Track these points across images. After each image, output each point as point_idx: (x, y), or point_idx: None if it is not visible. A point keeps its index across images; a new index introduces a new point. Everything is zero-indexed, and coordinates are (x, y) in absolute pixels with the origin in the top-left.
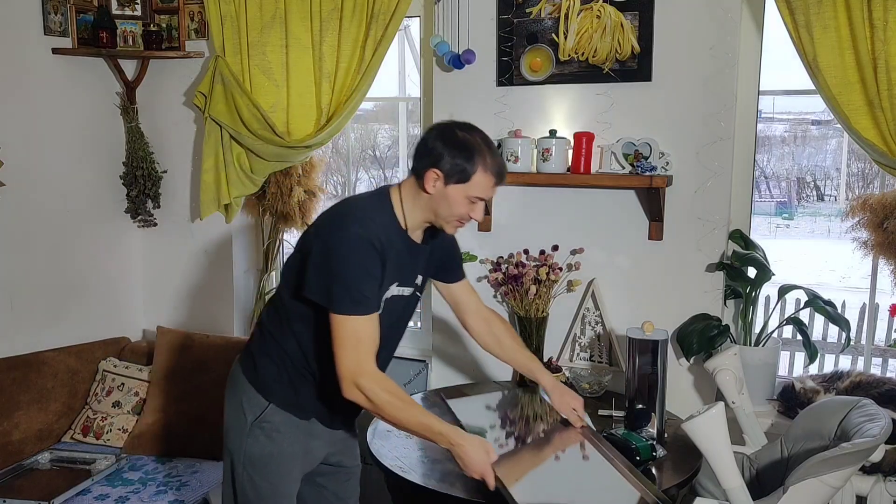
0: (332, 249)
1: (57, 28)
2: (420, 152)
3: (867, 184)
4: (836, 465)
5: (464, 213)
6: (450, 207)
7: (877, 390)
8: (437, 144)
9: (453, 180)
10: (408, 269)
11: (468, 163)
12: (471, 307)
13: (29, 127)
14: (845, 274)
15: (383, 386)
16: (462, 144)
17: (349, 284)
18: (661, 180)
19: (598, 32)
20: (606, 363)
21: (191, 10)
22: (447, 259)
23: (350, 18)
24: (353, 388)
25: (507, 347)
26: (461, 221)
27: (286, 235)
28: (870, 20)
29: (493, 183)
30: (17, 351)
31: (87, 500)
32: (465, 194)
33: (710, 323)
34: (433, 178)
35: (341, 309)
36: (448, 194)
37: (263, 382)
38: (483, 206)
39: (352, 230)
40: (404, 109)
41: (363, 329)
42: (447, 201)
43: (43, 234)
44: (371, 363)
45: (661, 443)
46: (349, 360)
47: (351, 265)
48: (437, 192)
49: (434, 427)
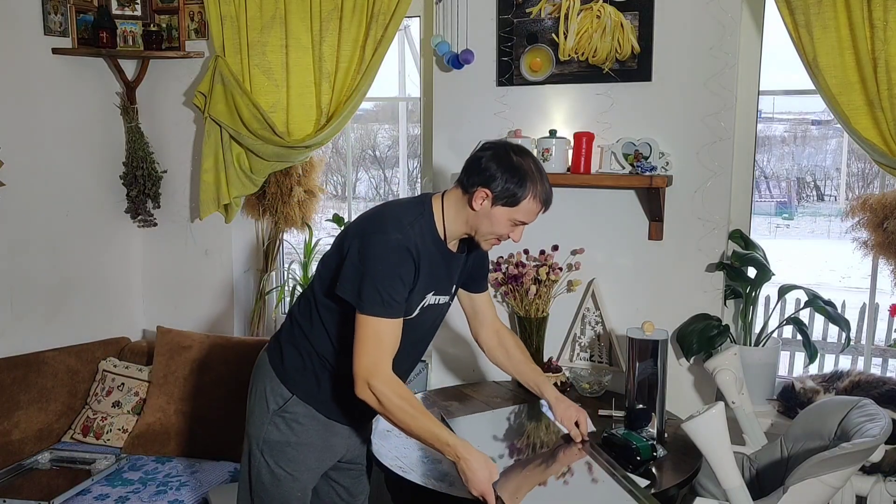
0: (368, 251)
1: (57, 28)
2: (472, 169)
3: (867, 184)
4: (836, 465)
5: (504, 233)
6: (492, 226)
7: (877, 390)
8: (492, 165)
9: (501, 202)
10: (444, 277)
11: (520, 188)
12: (487, 319)
13: (29, 127)
14: (845, 274)
15: (396, 390)
16: (516, 170)
17: (380, 286)
18: (661, 180)
19: (598, 32)
20: (606, 363)
21: (191, 10)
22: (477, 269)
23: (350, 18)
24: (365, 388)
25: (515, 360)
26: (499, 240)
27: (286, 235)
28: (870, 20)
29: (539, 210)
30: (17, 351)
31: (87, 500)
32: (509, 217)
33: (710, 323)
34: (482, 198)
35: (369, 309)
36: (493, 214)
37: (288, 373)
38: (523, 229)
39: (390, 234)
40: (404, 109)
41: (386, 332)
42: (490, 220)
43: (43, 233)
44: (387, 366)
45: (660, 443)
46: (367, 359)
47: (385, 268)
48: (483, 210)
49: (443, 437)
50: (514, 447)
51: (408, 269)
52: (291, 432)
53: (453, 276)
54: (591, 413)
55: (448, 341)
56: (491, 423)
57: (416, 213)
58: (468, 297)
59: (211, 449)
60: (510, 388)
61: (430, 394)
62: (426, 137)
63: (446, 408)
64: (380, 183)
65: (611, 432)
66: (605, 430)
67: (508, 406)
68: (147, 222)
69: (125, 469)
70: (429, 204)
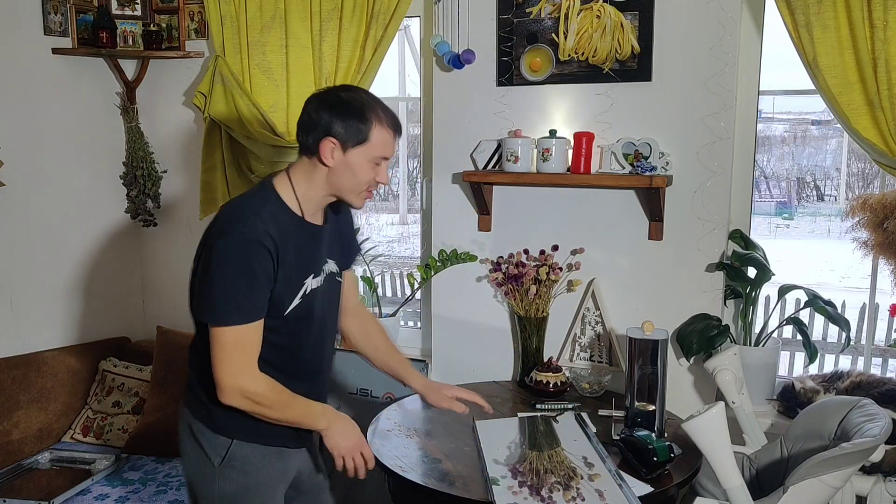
0: (215, 258)
1: (57, 28)
2: (306, 127)
3: (867, 184)
4: (836, 465)
5: (370, 178)
6: (354, 176)
7: (877, 390)
8: (324, 114)
9: (351, 144)
10: (314, 256)
11: (362, 122)
12: (349, 303)
13: (29, 127)
14: (845, 274)
15: (269, 386)
16: (350, 105)
17: (235, 291)
18: (661, 180)
19: (598, 32)
20: (606, 363)
21: (191, 10)
22: (345, 242)
23: (350, 18)
24: (235, 395)
25: (381, 350)
26: (369, 190)
27: None
28: (870, 20)
29: (393, 137)
30: (17, 351)
31: (87, 500)
32: (367, 157)
33: (710, 323)
34: (330, 149)
35: (226, 321)
36: (350, 162)
37: (216, 420)
38: (387, 168)
39: (235, 233)
40: (404, 109)
41: (248, 337)
42: (351, 170)
43: (43, 234)
44: (254, 366)
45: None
46: (231, 366)
47: (237, 269)
48: (338, 162)
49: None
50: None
51: (263, 262)
52: (247, 476)
53: (324, 251)
54: (591, 413)
55: (448, 341)
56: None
57: (259, 201)
58: None
59: None
60: (510, 388)
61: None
62: (426, 137)
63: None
64: None
65: (628, 433)
66: (623, 431)
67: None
68: (147, 222)
69: (125, 469)
70: (270, 186)
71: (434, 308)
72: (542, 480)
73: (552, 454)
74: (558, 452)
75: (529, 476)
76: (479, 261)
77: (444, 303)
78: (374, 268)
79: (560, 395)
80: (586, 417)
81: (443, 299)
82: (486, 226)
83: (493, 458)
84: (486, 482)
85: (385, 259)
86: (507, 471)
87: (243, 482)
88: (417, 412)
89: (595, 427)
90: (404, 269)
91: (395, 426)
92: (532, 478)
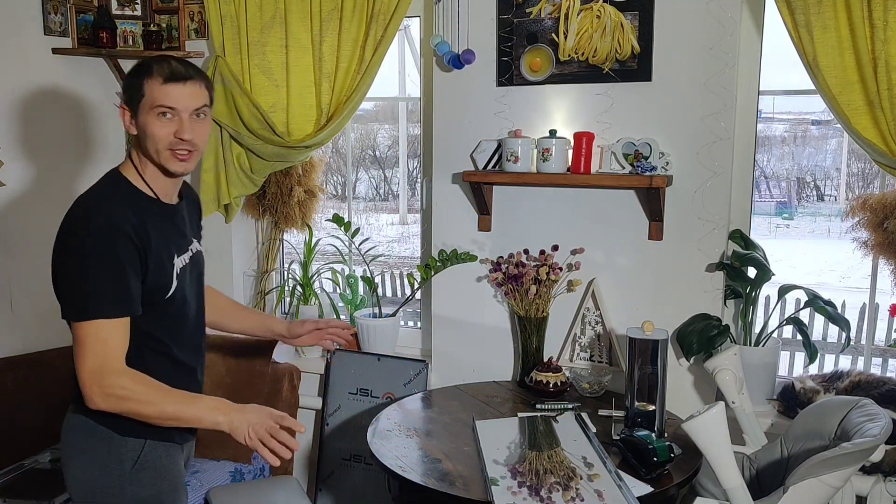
0: (75, 253)
1: (57, 28)
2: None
3: (867, 184)
4: (836, 465)
5: (164, 134)
6: (154, 133)
7: (877, 390)
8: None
9: (136, 103)
10: (177, 235)
11: (136, 78)
12: None
13: (29, 127)
14: (845, 274)
15: (138, 378)
16: (133, 70)
17: (100, 284)
18: (661, 180)
19: (598, 32)
20: (606, 363)
21: (191, 10)
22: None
23: (350, 18)
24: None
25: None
26: (173, 150)
27: (286, 235)
28: (870, 20)
29: (164, 82)
30: (17, 351)
31: None
32: (151, 109)
33: (710, 323)
34: (124, 115)
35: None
36: (143, 121)
37: (123, 422)
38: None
39: (93, 224)
40: (404, 109)
41: (116, 331)
42: (147, 130)
43: (43, 233)
44: (121, 362)
45: None
46: (94, 362)
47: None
48: (137, 124)
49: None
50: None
51: (129, 252)
52: (160, 478)
53: (185, 229)
54: (591, 413)
55: (448, 341)
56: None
57: (111, 189)
58: None
59: (211, 449)
60: (510, 388)
61: (429, 394)
62: (426, 137)
63: (446, 408)
64: (380, 183)
65: (628, 433)
66: (623, 431)
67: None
68: None
69: None
70: (117, 173)
71: (434, 308)
72: (542, 481)
73: (552, 454)
74: (558, 452)
75: (529, 476)
76: (479, 261)
77: (444, 303)
78: (374, 268)
79: (560, 395)
80: (586, 417)
81: (443, 299)
82: (486, 226)
83: (493, 458)
84: (486, 482)
85: (385, 259)
86: (507, 471)
87: (157, 485)
88: (417, 412)
89: (595, 427)
90: (404, 269)
91: (395, 426)
92: (531, 478)
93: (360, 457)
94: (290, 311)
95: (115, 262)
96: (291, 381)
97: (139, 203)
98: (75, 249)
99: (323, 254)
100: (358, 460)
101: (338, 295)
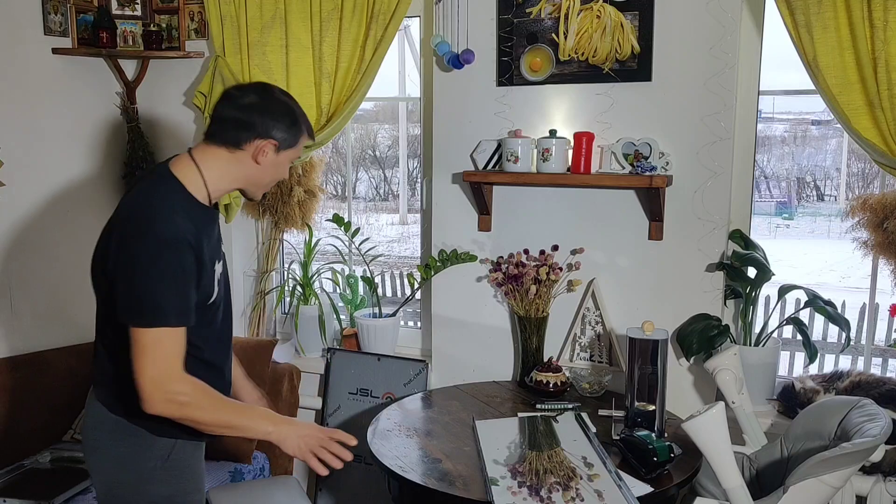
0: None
1: (57, 28)
2: (238, 124)
3: (867, 184)
4: (836, 465)
5: (285, 176)
6: (275, 174)
7: (877, 390)
8: (265, 117)
9: (285, 147)
10: (217, 242)
11: (297, 128)
12: None
13: (29, 127)
14: (845, 274)
15: (198, 386)
16: (289, 111)
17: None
18: (661, 180)
19: (598, 32)
20: (606, 363)
21: (191, 10)
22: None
23: (350, 18)
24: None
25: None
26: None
27: (286, 235)
28: (870, 20)
29: (308, 139)
30: (17, 351)
31: (87, 499)
32: (290, 159)
33: (710, 323)
34: (267, 150)
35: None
36: (279, 161)
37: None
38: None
39: (160, 235)
40: (404, 109)
41: (177, 339)
42: (276, 168)
43: (43, 233)
44: (181, 368)
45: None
46: (157, 370)
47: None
48: (269, 160)
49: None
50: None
51: (190, 263)
52: (183, 477)
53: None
54: (591, 413)
55: (448, 341)
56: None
57: (173, 197)
58: None
59: (211, 449)
60: (510, 388)
61: (429, 394)
62: (426, 137)
63: (446, 408)
64: (380, 183)
65: (628, 433)
66: (623, 431)
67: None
68: None
69: None
70: (169, 174)
71: (434, 308)
72: (542, 481)
73: (552, 454)
74: (558, 452)
75: (529, 476)
76: (479, 261)
77: (444, 303)
78: (374, 268)
79: (560, 395)
80: (586, 417)
81: (443, 299)
82: (486, 226)
83: (493, 458)
84: (486, 482)
85: (385, 259)
86: (507, 471)
87: (180, 484)
88: (417, 412)
89: (595, 427)
90: (404, 269)
91: (395, 426)
92: (531, 478)
93: (360, 457)
94: (289, 310)
95: (179, 273)
96: (291, 381)
97: (194, 211)
98: (141, 257)
99: (323, 254)
100: (358, 460)
101: (338, 295)
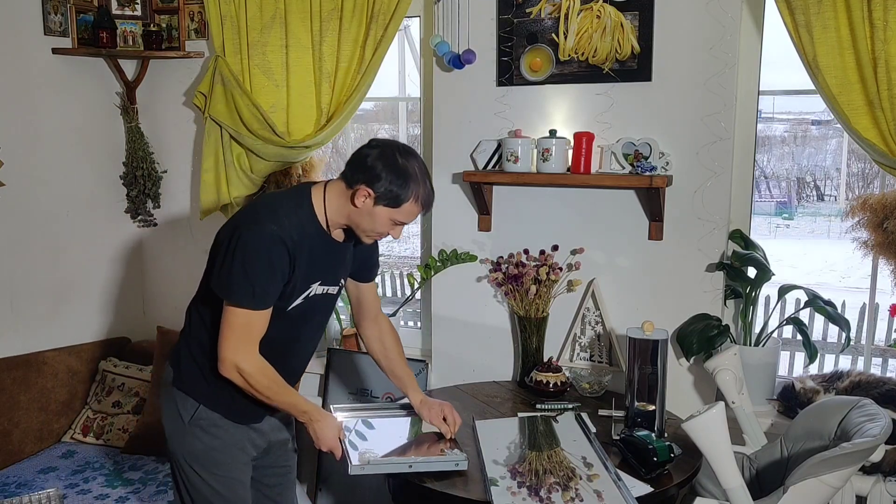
0: (242, 243)
1: (57, 28)
2: (357, 165)
3: (867, 184)
4: (836, 465)
5: (384, 231)
6: (373, 224)
7: (877, 390)
8: (378, 165)
9: (383, 202)
10: (329, 267)
11: (403, 190)
12: (371, 312)
13: (29, 127)
14: (845, 274)
15: (263, 371)
16: (401, 171)
17: (253, 278)
18: (661, 180)
19: (598, 32)
20: (606, 363)
21: (191, 10)
22: (367, 258)
23: (350, 18)
24: (232, 370)
25: (391, 359)
26: (379, 237)
27: None
28: (870, 20)
29: (419, 212)
30: (17, 351)
31: (87, 499)
32: (390, 217)
33: (710, 323)
34: (364, 196)
35: (239, 301)
36: (375, 213)
37: (186, 383)
38: (402, 228)
39: (264, 226)
40: (404, 109)
41: (256, 322)
42: (371, 218)
43: (43, 233)
44: (255, 350)
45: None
46: (234, 345)
47: (258, 259)
48: (365, 208)
49: (300, 406)
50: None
51: (282, 260)
52: (213, 437)
53: (340, 265)
54: (591, 413)
55: (448, 341)
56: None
57: (293, 204)
58: (355, 286)
59: None
60: (510, 388)
61: (429, 394)
62: (426, 137)
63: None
64: None
65: (628, 433)
66: (623, 431)
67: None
68: (147, 222)
69: (125, 469)
70: (308, 195)
71: (434, 308)
72: (541, 481)
73: (552, 454)
74: (558, 453)
75: (528, 476)
76: (479, 261)
77: (444, 303)
78: None
79: (560, 395)
80: (586, 417)
81: (443, 299)
82: (486, 226)
83: (493, 458)
84: (486, 482)
85: (385, 259)
86: (507, 471)
87: (210, 443)
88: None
89: (595, 427)
90: (404, 269)
91: None
92: (531, 478)
93: None
94: None
95: (269, 264)
96: None
97: (309, 227)
98: (242, 242)
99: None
100: None
101: None
